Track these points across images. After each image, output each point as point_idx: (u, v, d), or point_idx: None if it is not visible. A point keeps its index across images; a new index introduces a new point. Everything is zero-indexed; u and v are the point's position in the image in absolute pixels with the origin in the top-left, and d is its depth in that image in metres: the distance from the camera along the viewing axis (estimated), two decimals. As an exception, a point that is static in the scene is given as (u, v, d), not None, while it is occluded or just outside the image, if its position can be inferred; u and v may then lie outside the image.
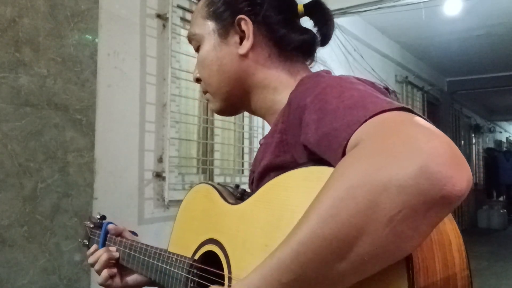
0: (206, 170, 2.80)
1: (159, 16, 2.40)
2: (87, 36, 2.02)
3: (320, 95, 0.59)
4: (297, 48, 0.77)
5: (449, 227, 0.51)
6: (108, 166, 2.09)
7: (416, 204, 0.40)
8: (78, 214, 1.93)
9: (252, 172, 0.77)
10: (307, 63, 0.80)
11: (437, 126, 0.45)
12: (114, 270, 0.98)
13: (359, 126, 0.49)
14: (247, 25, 0.74)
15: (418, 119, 0.46)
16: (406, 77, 5.72)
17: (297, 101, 0.64)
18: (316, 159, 0.59)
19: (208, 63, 0.78)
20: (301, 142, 0.61)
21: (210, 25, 0.77)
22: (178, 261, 0.83)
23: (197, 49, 0.81)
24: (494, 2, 4.26)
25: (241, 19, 0.74)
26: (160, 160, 2.39)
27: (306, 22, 0.81)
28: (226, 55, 0.76)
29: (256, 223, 0.66)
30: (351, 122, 0.51)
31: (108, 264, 0.98)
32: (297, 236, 0.45)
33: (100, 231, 1.04)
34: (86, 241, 1.11)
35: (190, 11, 2.59)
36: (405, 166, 0.41)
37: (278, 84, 0.76)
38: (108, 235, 1.03)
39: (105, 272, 0.97)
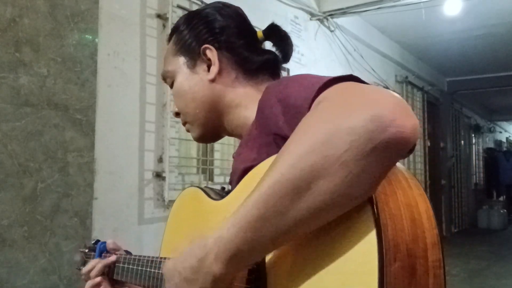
0: (206, 170, 2.80)
1: (159, 16, 2.40)
2: (87, 36, 2.02)
3: (284, 89, 0.67)
4: (260, 67, 0.84)
5: (417, 193, 0.55)
6: (108, 166, 2.09)
7: (362, 144, 0.46)
8: (78, 214, 1.93)
9: (230, 183, 0.81)
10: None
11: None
12: (98, 279, 0.98)
13: (317, 95, 0.56)
14: (212, 53, 0.82)
15: (368, 84, 0.54)
16: (406, 77, 5.72)
17: (264, 104, 0.70)
18: None
19: (182, 93, 0.85)
20: (274, 134, 0.66)
21: (180, 60, 0.86)
22: None
23: (171, 85, 0.88)
24: (494, 2, 4.26)
25: (205, 48, 0.82)
26: (160, 160, 2.39)
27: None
28: (197, 83, 0.83)
29: None
30: (309, 95, 0.58)
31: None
32: (263, 181, 0.51)
33: (94, 252, 1.06)
34: (82, 267, 1.11)
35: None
36: (358, 113, 0.47)
37: (249, 101, 0.82)
38: (103, 255, 1.04)
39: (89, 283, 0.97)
